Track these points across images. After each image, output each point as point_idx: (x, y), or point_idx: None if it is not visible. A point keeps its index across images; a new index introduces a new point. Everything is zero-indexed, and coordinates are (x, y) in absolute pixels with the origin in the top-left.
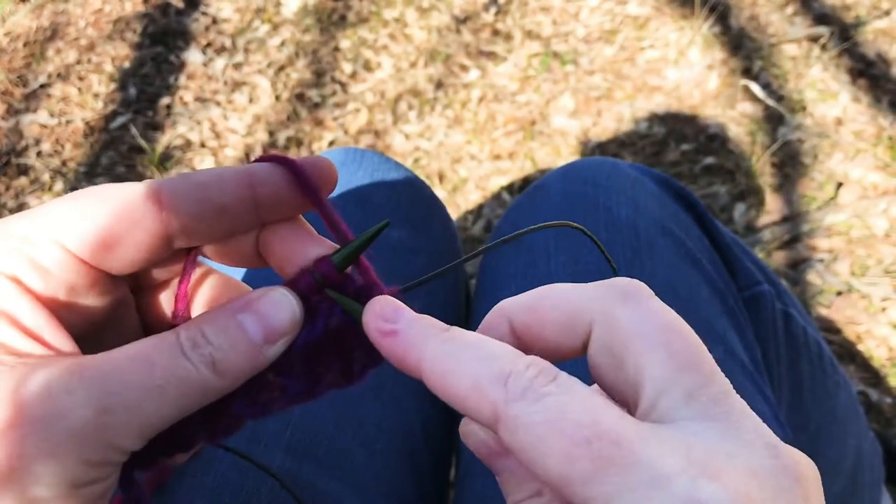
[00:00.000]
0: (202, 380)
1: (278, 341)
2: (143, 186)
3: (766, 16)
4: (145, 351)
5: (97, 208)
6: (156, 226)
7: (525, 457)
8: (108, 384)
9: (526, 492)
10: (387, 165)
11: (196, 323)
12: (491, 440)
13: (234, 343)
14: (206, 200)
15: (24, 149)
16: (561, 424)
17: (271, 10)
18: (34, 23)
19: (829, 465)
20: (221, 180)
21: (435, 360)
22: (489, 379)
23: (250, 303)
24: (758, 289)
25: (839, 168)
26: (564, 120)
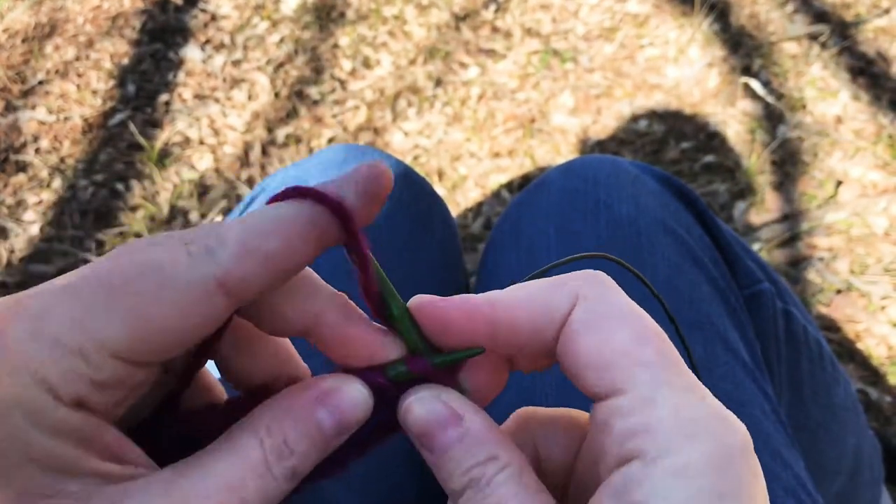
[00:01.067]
0: (279, 492)
1: (346, 435)
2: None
3: (766, 14)
4: (236, 479)
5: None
6: (220, 315)
7: (592, 328)
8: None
9: (481, 455)
10: (387, 162)
11: (276, 424)
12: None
13: (313, 444)
14: (277, 275)
15: (23, 145)
16: (641, 314)
17: (270, 7)
18: (32, 19)
19: (828, 463)
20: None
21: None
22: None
23: (328, 396)
24: (759, 287)
25: (839, 166)
26: (564, 118)
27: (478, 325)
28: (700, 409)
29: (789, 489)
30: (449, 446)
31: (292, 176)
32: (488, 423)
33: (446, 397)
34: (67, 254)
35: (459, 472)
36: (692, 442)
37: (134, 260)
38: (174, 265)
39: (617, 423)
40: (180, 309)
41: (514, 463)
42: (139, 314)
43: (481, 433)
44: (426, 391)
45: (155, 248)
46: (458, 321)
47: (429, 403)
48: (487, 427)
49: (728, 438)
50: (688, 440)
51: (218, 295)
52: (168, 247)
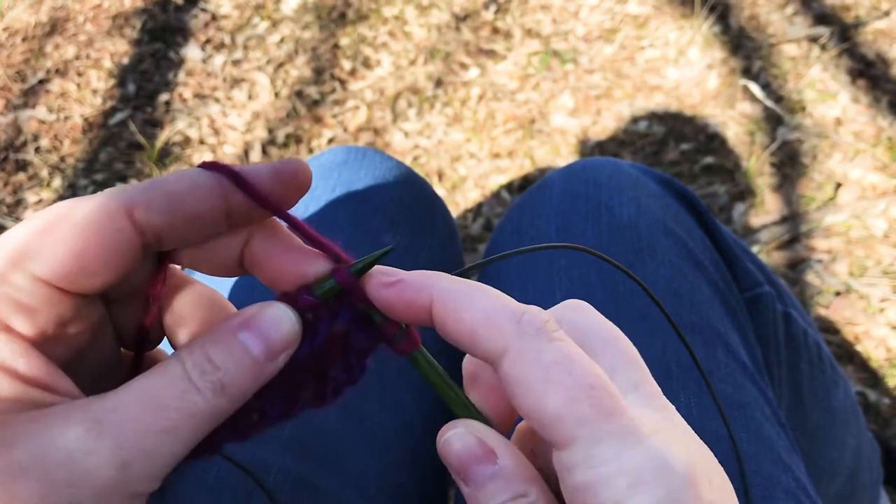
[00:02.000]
0: (212, 407)
1: (279, 357)
2: (112, 200)
3: (766, 15)
4: (154, 391)
5: (69, 232)
6: (131, 240)
7: (523, 390)
8: (125, 437)
9: (511, 493)
10: (388, 164)
11: (199, 346)
12: (477, 443)
13: (239, 364)
14: (180, 211)
15: (23, 144)
16: (569, 367)
17: (271, 7)
18: (33, 18)
19: (827, 465)
20: (194, 190)
21: (448, 296)
22: (504, 314)
23: (250, 320)
24: (759, 290)
25: (838, 168)
26: (564, 119)
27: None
28: (640, 457)
29: (790, 492)
30: (483, 482)
31: None
32: (520, 461)
33: (482, 433)
34: None
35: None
36: (636, 493)
37: (56, 204)
38: (86, 198)
39: (565, 478)
40: (88, 229)
41: (541, 500)
42: (53, 237)
43: (513, 471)
44: (463, 427)
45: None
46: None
47: (467, 438)
48: (518, 464)
49: (670, 481)
50: (631, 492)
51: (123, 217)
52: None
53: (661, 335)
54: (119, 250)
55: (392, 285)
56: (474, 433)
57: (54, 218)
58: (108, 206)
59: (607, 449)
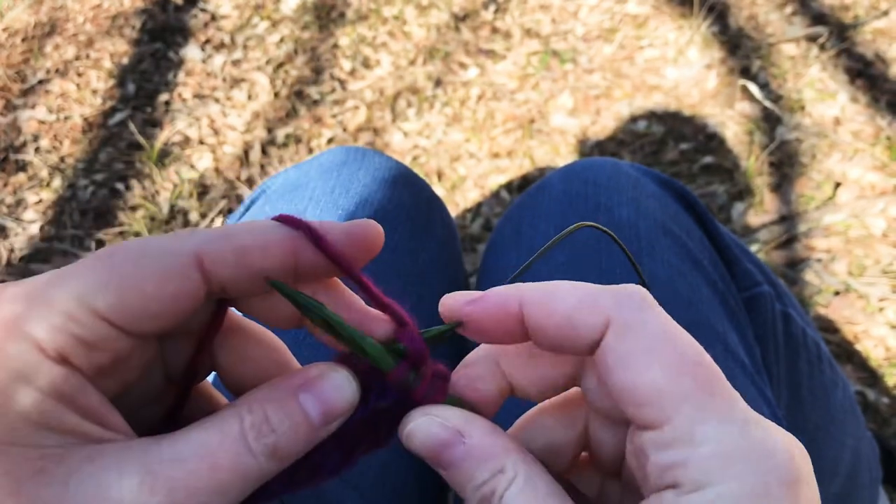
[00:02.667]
0: (261, 469)
1: (333, 423)
2: (183, 247)
3: (765, 15)
4: (211, 448)
5: (138, 274)
6: (197, 290)
7: (625, 362)
8: (177, 494)
9: (487, 470)
10: (387, 164)
11: (258, 404)
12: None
13: (295, 427)
14: (249, 266)
15: (23, 145)
16: (677, 340)
17: (270, 7)
18: (32, 18)
19: (827, 465)
20: (266, 247)
21: (536, 294)
22: (600, 292)
23: (311, 382)
24: (758, 289)
25: (837, 168)
26: (563, 118)
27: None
28: (739, 442)
29: None
30: (455, 465)
31: (292, 178)
32: (490, 435)
33: (444, 416)
34: (67, 253)
35: (471, 488)
36: (728, 475)
37: (126, 242)
38: (157, 240)
39: (654, 455)
40: (158, 275)
41: (520, 473)
42: (120, 277)
43: (484, 448)
44: (421, 415)
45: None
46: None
47: (427, 427)
48: (490, 439)
49: (768, 471)
50: (724, 474)
51: (192, 267)
52: (157, 235)
53: None
54: (184, 298)
55: (476, 301)
56: (434, 419)
57: (124, 256)
58: (179, 252)
59: (708, 429)
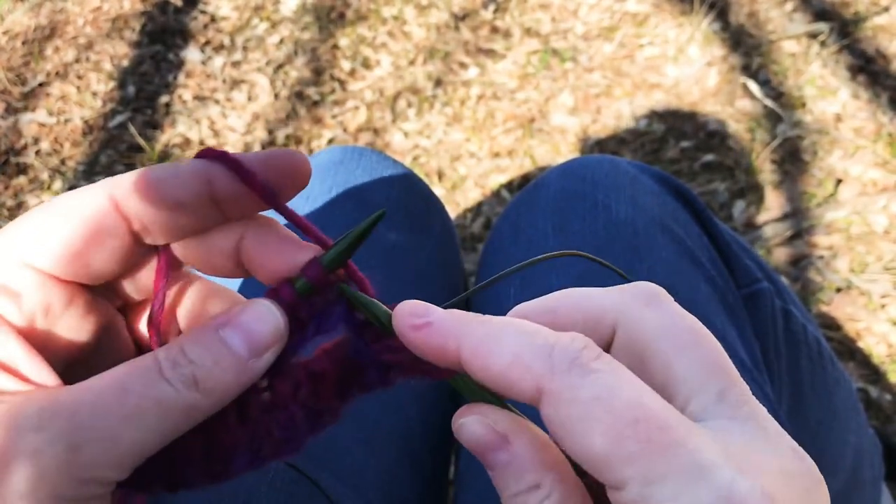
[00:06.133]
0: (184, 400)
1: (264, 354)
2: (100, 190)
3: (766, 12)
4: (119, 377)
5: (59, 222)
6: (119, 227)
7: (565, 432)
8: (79, 417)
9: (524, 483)
10: (385, 163)
11: (176, 342)
12: (486, 432)
13: (217, 359)
14: (162, 198)
15: (23, 148)
16: (610, 402)
17: (270, 8)
18: (32, 21)
19: (829, 462)
20: (177, 176)
21: (474, 341)
22: (532, 352)
23: (231, 317)
24: (757, 286)
25: (839, 165)
26: (563, 117)
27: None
28: (703, 494)
29: None
30: (497, 468)
31: None
32: (535, 448)
33: (495, 418)
34: None
35: (507, 495)
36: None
37: (57, 196)
38: (79, 190)
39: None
40: (77, 218)
41: (556, 492)
42: (42, 225)
43: (526, 459)
44: (473, 414)
45: None
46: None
47: (474, 426)
48: (533, 452)
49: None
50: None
51: (107, 203)
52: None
53: None
54: (108, 237)
55: (420, 328)
56: (484, 420)
57: (45, 210)
58: (93, 194)
59: (663, 488)
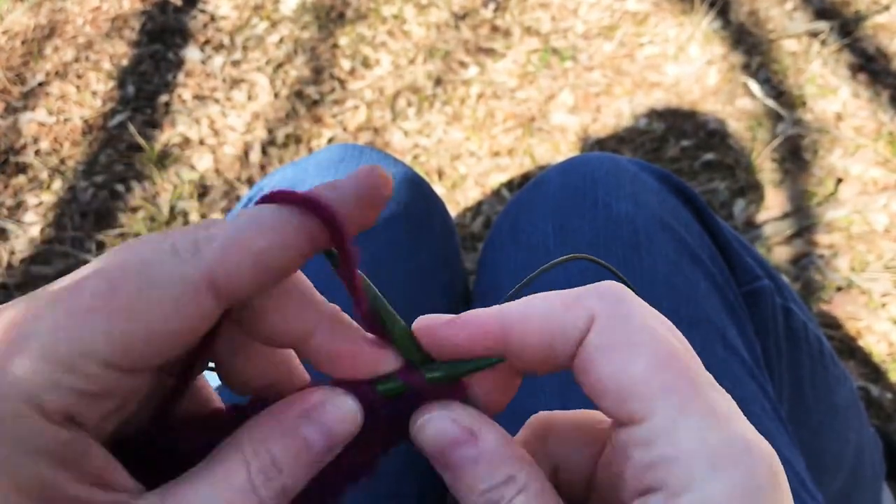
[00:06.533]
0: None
1: (336, 451)
2: (193, 270)
3: (766, 11)
4: (221, 501)
5: (144, 313)
6: (211, 314)
7: (607, 356)
8: None
9: (499, 476)
10: (385, 162)
11: (262, 444)
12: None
13: (298, 460)
14: (267, 272)
15: (23, 147)
16: (658, 333)
17: (269, 8)
18: (32, 21)
19: (830, 460)
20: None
21: (514, 309)
22: (578, 291)
23: (314, 411)
24: (758, 284)
25: (839, 163)
26: (564, 116)
27: (487, 345)
28: (724, 438)
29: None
30: (464, 466)
31: (290, 175)
32: (505, 441)
33: (459, 414)
34: (68, 255)
35: (477, 493)
36: (715, 475)
37: (120, 261)
38: (161, 264)
39: (637, 454)
40: (167, 309)
41: (532, 484)
42: (125, 317)
43: (497, 452)
44: (438, 410)
45: (143, 246)
46: (466, 344)
47: (440, 423)
48: (504, 445)
49: (754, 470)
50: (711, 473)
51: (205, 293)
52: (156, 245)
53: None
54: (197, 326)
55: (451, 323)
56: (450, 415)
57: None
58: (190, 278)
59: (692, 424)
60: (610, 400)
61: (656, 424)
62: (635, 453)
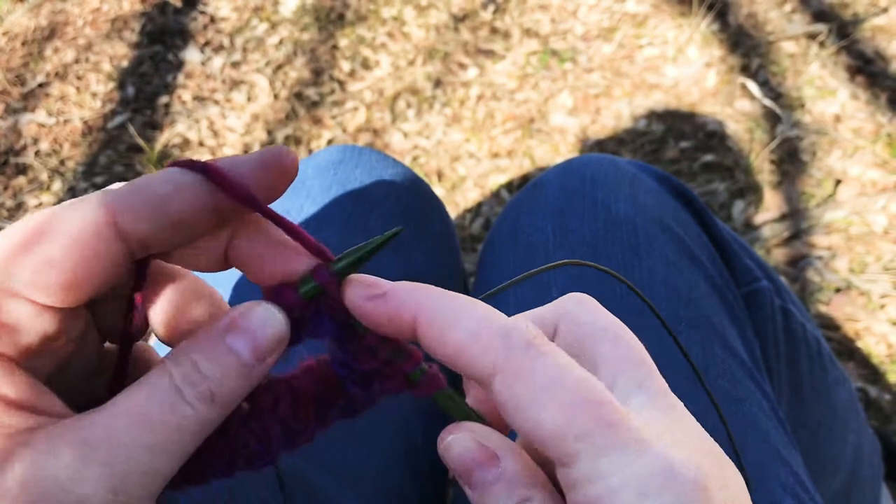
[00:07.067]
0: (200, 418)
1: (267, 359)
2: (94, 207)
3: (765, 13)
4: (143, 407)
5: (53, 246)
6: (116, 252)
7: (518, 409)
8: (117, 460)
9: (515, 498)
10: (384, 163)
11: (185, 354)
12: (478, 448)
13: (227, 370)
14: (166, 215)
15: (23, 148)
16: (563, 381)
17: (269, 9)
18: (32, 22)
19: (828, 461)
20: (181, 193)
21: (431, 313)
22: (490, 331)
23: (235, 322)
24: (756, 285)
25: (838, 165)
26: (563, 118)
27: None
28: (645, 466)
29: (787, 487)
30: (486, 486)
31: None
32: (524, 464)
33: (483, 436)
34: None
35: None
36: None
37: (37, 213)
38: (69, 207)
39: (572, 495)
40: (73, 240)
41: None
42: (39, 252)
43: (516, 474)
44: (463, 431)
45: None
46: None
47: (465, 443)
48: (522, 468)
49: (679, 487)
50: (640, 502)
51: (108, 230)
52: (72, 199)
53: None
54: (106, 262)
55: (373, 298)
56: (475, 437)
57: (36, 230)
58: (93, 216)
59: (611, 461)
60: (534, 444)
61: (580, 469)
62: (570, 494)
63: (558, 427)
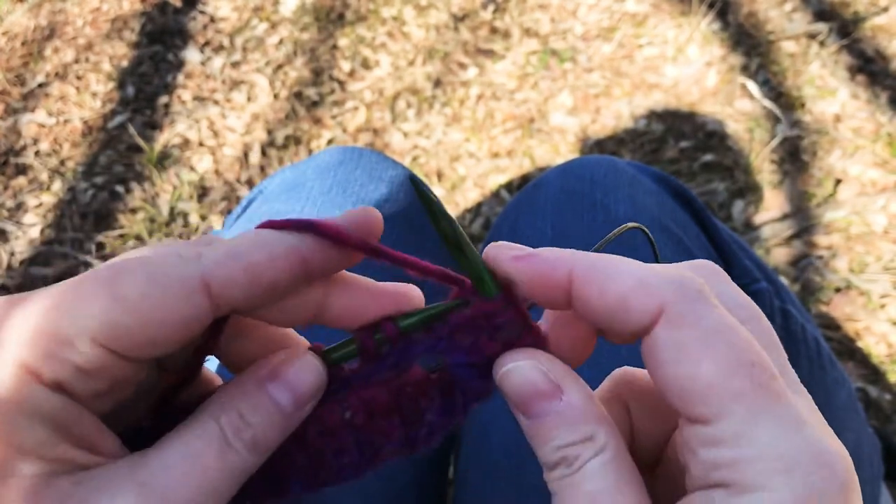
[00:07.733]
0: (244, 463)
1: (305, 406)
2: (191, 273)
3: (765, 12)
4: (196, 452)
5: (142, 304)
6: (204, 315)
7: (675, 356)
8: (172, 501)
9: (578, 434)
10: (384, 164)
11: (230, 401)
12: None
13: (269, 418)
14: (258, 283)
15: (23, 148)
16: (730, 336)
17: (269, 9)
18: (32, 22)
19: None
20: (273, 260)
21: (590, 267)
22: (659, 277)
23: (277, 371)
24: (756, 286)
25: (838, 164)
26: (563, 118)
27: (548, 293)
28: (795, 445)
29: None
30: (546, 418)
31: (289, 178)
32: (588, 398)
33: (548, 366)
34: (67, 256)
35: (554, 446)
36: (782, 480)
37: (129, 259)
38: (164, 265)
39: (703, 451)
40: (164, 303)
41: (610, 446)
42: (124, 304)
43: (580, 409)
44: (526, 358)
45: (152, 250)
46: (528, 283)
47: (528, 372)
48: (587, 402)
49: (823, 477)
50: (778, 478)
51: (199, 294)
52: (163, 251)
53: None
54: (190, 324)
55: (524, 258)
56: (538, 365)
57: (129, 282)
58: (187, 279)
59: (764, 430)
60: (676, 398)
61: (725, 428)
62: (701, 450)
63: (715, 380)
